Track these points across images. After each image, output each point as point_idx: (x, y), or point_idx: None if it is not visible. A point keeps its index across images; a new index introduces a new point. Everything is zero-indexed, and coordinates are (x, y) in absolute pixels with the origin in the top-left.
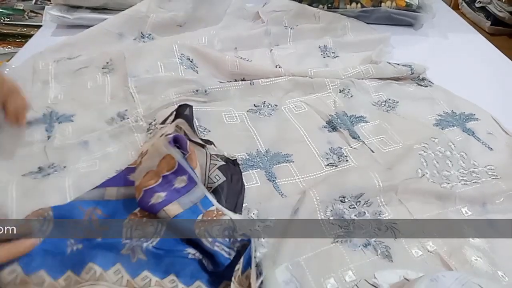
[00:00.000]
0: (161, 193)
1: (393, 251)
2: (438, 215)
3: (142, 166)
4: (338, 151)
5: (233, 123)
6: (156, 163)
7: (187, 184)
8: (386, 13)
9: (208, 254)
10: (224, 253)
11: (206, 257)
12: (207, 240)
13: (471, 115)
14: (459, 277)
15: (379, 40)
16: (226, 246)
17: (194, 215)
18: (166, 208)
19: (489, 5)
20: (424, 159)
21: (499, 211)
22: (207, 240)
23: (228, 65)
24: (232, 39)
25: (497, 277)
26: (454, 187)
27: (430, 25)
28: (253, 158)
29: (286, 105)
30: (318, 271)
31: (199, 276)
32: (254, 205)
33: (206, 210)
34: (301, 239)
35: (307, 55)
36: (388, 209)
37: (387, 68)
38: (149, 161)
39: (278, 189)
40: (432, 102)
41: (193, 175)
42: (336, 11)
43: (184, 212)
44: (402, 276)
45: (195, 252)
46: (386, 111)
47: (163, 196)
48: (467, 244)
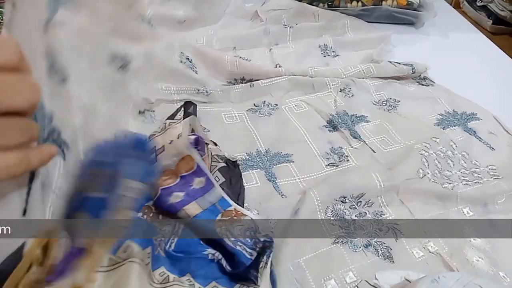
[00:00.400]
0: (179, 192)
1: (394, 251)
2: (439, 216)
3: (159, 164)
4: (338, 151)
5: (233, 123)
6: (174, 162)
7: (205, 186)
8: (387, 11)
9: (228, 254)
10: (245, 253)
11: (226, 258)
12: (229, 239)
13: (473, 115)
14: (460, 278)
15: (379, 38)
16: (248, 247)
17: (213, 215)
18: (186, 207)
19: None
20: (425, 159)
21: (501, 211)
22: (229, 239)
23: (228, 65)
24: (231, 38)
25: (498, 278)
26: (456, 187)
27: (431, 24)
28: (253, 158)
29: (286, 105)
30: (319, 272)
31: (215, 277)
32: (254, 205)
33: (225, 210)
34: (301, 240)
35: (307, 54)
36: (389, 210)
37: (388, 67)
38: (168, 160)
39: (278, 189)
40: (433, 101)
41: (210, 176)
42: (337, 9)
43: (203, 212)
44: (403, 277)
45: (215, 252)
46: (387, 110)
47: (182, 196)
48: (468, 245)
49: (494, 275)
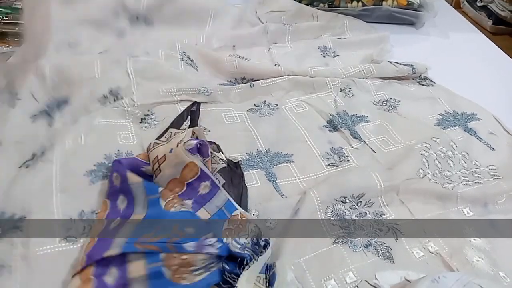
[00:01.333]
0: (187, 201)
1: (394, 252)
2: (439, 216)
3: (164, 174)
4: (339, 151)
5: (233, 123)
6: (178, 170)
7: (211, 190)
8: (387, 11)
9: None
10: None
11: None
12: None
13: (473, 115)
14: (461, 278)
15: (379, 39)
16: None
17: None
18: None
19: (490, 4)
20: (425, 159)
21: (501, 211)
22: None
23: (227, 65)
24: (230, 38)
25: (498, 278)
26: (456, 187)
27: (431, 24)
28: (253, 158)
29: (287, 105)
30: (319, 272)
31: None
32: (254, 205)
33: (231, 215)
34: (301, 240)
35: (307, 55)
36: (389, 210)
37: (388, 67)
38: (171, 169)
39: (279, 190)
40: (433, 101)
41: (215, 179)
42: (337, 9)
43: (211, 218)
44: (403, 277)
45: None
46: (387, 110)
47: (190, 204)
48: (468, 245)
49: (494, 275)
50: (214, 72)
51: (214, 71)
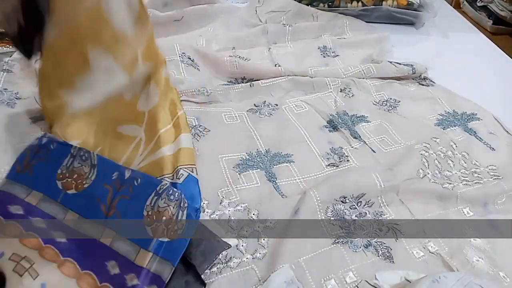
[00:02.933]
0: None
1: (394, 252)
2: (439, 216)
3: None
4: (339, 151)
5: (233, 123)
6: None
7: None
8: (387, 11)
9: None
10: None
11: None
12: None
13: (473, 115)
14: (461, 278)
15: (379, 39)
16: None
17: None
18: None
19: (490, 4)
20: (425, 159)
21: (501, 211)
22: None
23: (228, 66)
24: (230, 39)
25: (498, 278)
26: (456, 187)
27: (431, 24)
28: (253, 158)
29: (287, 105)
30: (319, 272)
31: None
32: (254, 205)
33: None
34: (301, 240)
35: (306, 55)
36: (389, 210)
37: (388, 67)
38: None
39: (279, 190)
40: (433, 101)
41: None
42: (337, 9)
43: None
44: (403, 277)
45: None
46: (387, 110)
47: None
48: (468, 245)
49: (494, 275)
50: (214, 72)
51: (214, 71)
